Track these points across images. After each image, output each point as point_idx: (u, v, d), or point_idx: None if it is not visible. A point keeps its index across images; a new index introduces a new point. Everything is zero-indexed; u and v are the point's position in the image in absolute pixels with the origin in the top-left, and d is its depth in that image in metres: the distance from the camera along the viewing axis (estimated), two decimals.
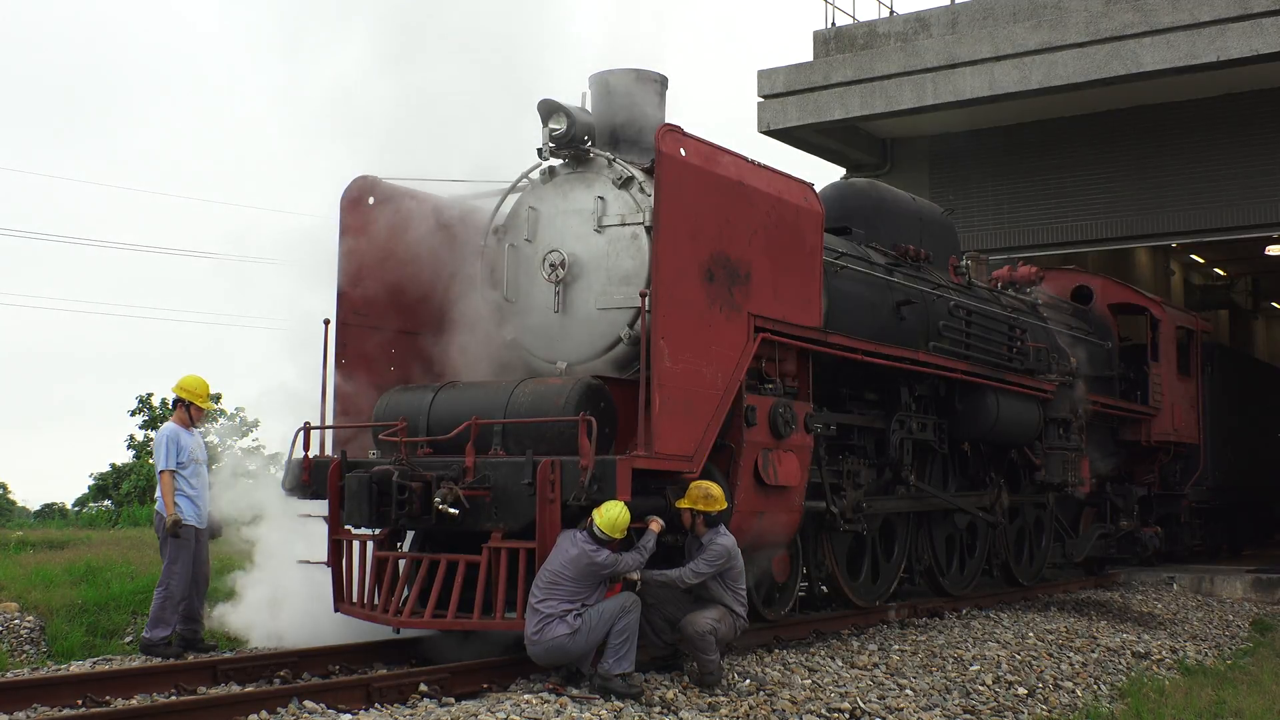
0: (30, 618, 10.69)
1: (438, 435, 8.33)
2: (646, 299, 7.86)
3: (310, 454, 8.95)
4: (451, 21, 9.34)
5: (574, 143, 8.94)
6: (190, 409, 9.64)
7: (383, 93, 9.35)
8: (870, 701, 7.76)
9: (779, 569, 9.61)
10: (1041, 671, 9.46)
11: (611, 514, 7.39)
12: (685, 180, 8.09)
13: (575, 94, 9.22)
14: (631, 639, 7.38)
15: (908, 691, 8.20)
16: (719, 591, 7.86)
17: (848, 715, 7.48)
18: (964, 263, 12.88)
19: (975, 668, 9.18)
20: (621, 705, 7.02)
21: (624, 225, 8.68)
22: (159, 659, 8.87)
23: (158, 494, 9.50)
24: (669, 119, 9.12)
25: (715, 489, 7.93)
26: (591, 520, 7.42)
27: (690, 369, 7.99)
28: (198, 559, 9.38)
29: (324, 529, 8.76)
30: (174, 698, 7.29)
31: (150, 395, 36.04)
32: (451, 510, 7.77)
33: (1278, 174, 17.84)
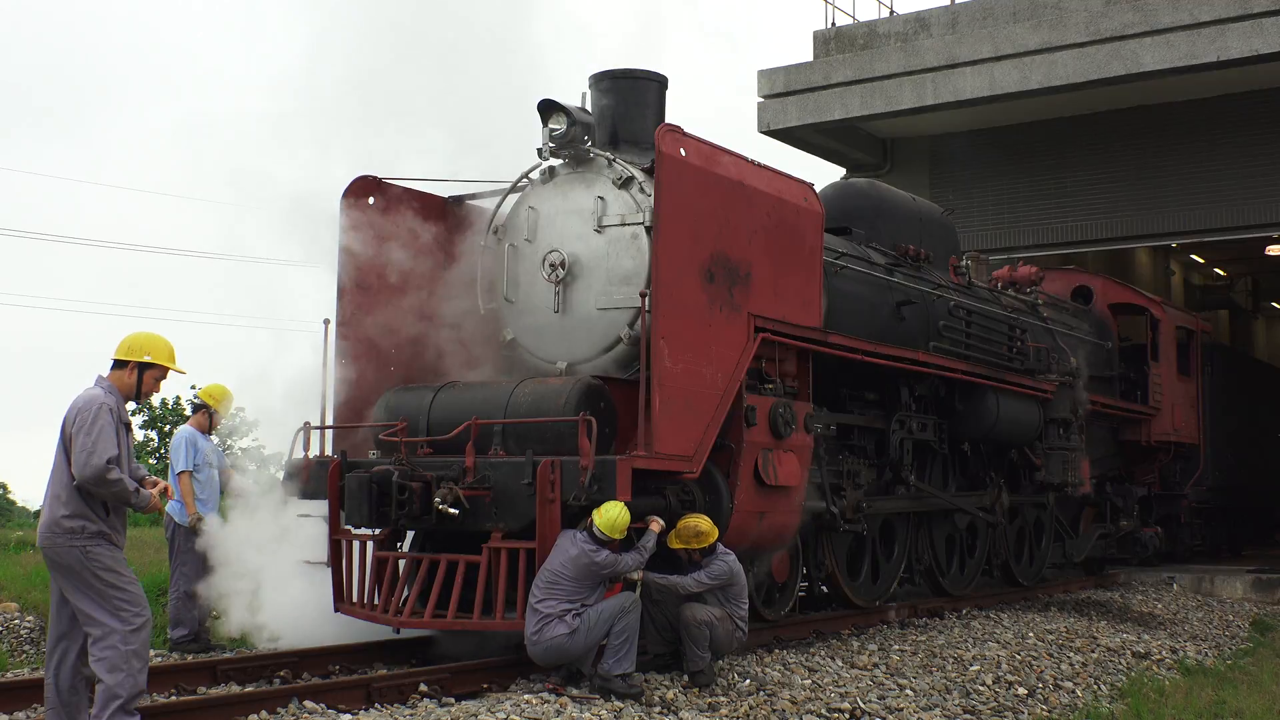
0: (30, 618, 10.69)
1: (438, 435, 8.33)
2: (646, 299, 7.86)
3: (309, 454, 8.96)
4: (452, 21, 9.34)
5: (574, 143, 8.94)
6: (212, 416, 10.01)
7: (383, 92, 9.35)
8: (870, 701, 7.76)
9: (779, 569, 9.61)
10: (1041, 671, 9.46)
11: (611, 514, 7.39)
12: (685, 180, 8.09)
13: (575, 94, 9.23)
14: (632, 639, 7.37)
15: (908, 691, 8.20)
16: (723, 603, 7.88)
17: (848, 715, 7.48)
18: (964, 263, 12.88)
19: (975, 668, 9.18)
20: (621, 705, 7.02)
21: (624, 225, 8.68)
22: (178, 656, 9.09)
23: (173, 495, 9.74)
24: (669, 119, 9.12)
25: (704, 523, 7.93)
26: (591, 521, 7.42)
27: (690, 369, 7.99)
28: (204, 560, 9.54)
29: (323, 528, 8.77)
30: (174, 698, 7.29)
31: None
32: (451, 510, 7.77)
33: (1278, 174, 17.83)
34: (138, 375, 5.96)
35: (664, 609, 7.88)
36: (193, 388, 33.59)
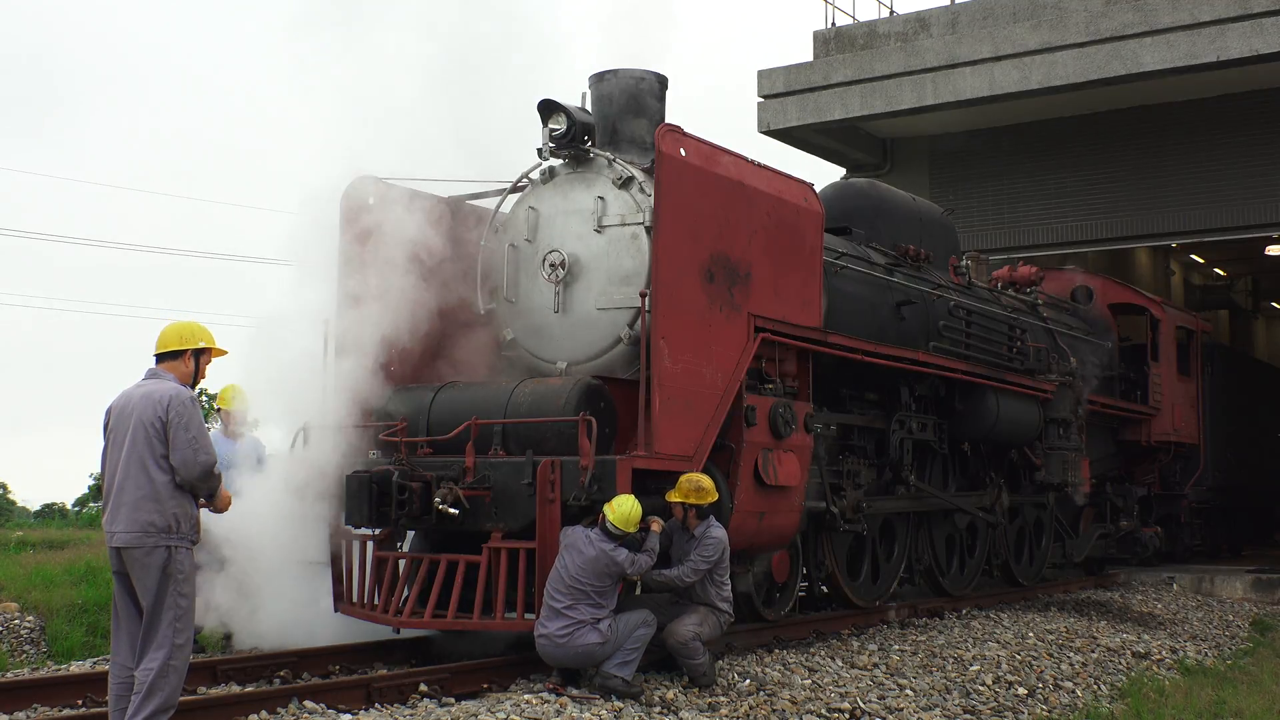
0: (30, 618, 10.70)
1: (438, 435, 8.33)
2: (646, 299, 7.86)
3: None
4: (450, 20, 9.34)
5: (574, 143, 8.94)
6: (219, 414, 10.06)
7: (382, 92, 9.35)
8: (870, 701, 7.76)
9: (779, 569, 9.61)
10: (1041, 671, 9.46)
11: (624, 508, 7.38)
12: (685, 180, 8.09)
13: (575, 94, 9.23)
14: (641, 650, 7.39)
15: (908, 691, 8.20)
16: (704, 589, 7.83)
17: (848, 715, 7.48)
18: (964, 263, 12.88)
19: (975, 668, 9.18)
20: (621, 705, 7.02)
21: (624, 225, 8.68)
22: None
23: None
24: (669, 119, 9.12)
25: (706, 481, 7.89)
26: (604, 517, 7.40)
27: (690, 369, 7.99)
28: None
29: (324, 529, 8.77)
30: None
31: None
32: (451, 510, 7.77)
33: (1278, 174, 17.83)
34: (195, 362, 6.11)
35: (660, 611, 7.86)
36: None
